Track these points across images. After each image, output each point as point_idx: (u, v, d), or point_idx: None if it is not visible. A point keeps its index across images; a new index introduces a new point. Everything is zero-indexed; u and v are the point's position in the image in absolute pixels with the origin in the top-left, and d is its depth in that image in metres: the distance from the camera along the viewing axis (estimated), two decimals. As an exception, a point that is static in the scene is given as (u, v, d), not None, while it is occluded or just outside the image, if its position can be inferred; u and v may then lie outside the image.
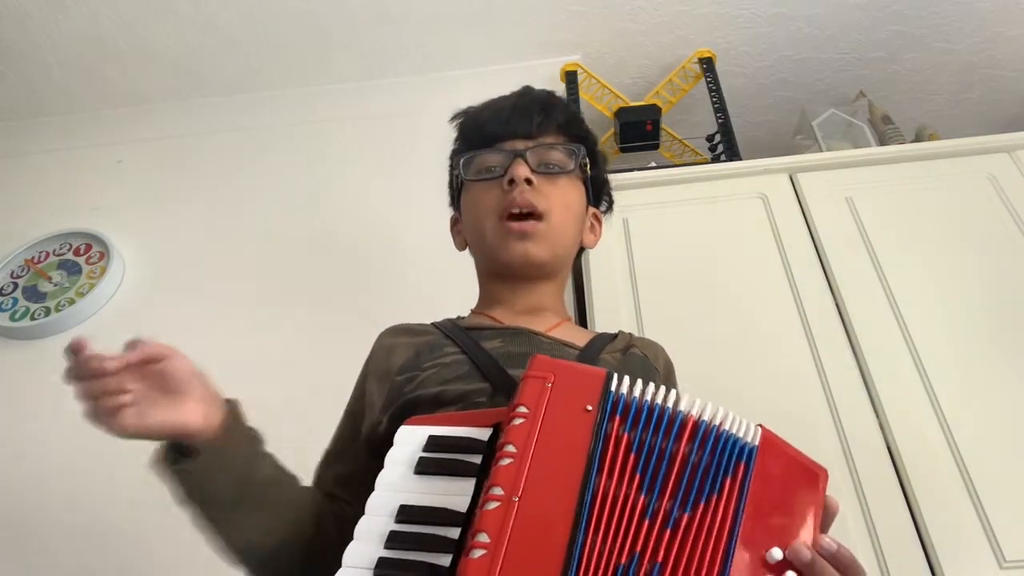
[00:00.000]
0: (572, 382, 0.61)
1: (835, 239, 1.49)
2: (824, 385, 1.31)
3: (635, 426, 0.59)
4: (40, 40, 1.97)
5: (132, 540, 1.45)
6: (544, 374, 0.62)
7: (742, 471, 0.59)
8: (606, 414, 0.59)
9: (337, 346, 1.65)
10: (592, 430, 0.58)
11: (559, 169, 0.90)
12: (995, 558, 1.11)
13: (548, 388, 0.61)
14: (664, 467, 0.58)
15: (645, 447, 0.59)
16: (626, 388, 0.61)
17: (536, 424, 0.59)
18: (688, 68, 2.03)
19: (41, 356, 1.73)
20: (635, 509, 0.56)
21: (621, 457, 0.58)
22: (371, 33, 2.02)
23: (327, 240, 1.84)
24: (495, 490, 0.56)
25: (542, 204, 0.87)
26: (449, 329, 0.89)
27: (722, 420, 0.61)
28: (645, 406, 0.60)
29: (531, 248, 0.87)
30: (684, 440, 0.59)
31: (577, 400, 0.60)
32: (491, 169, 0.90)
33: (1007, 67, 2.18)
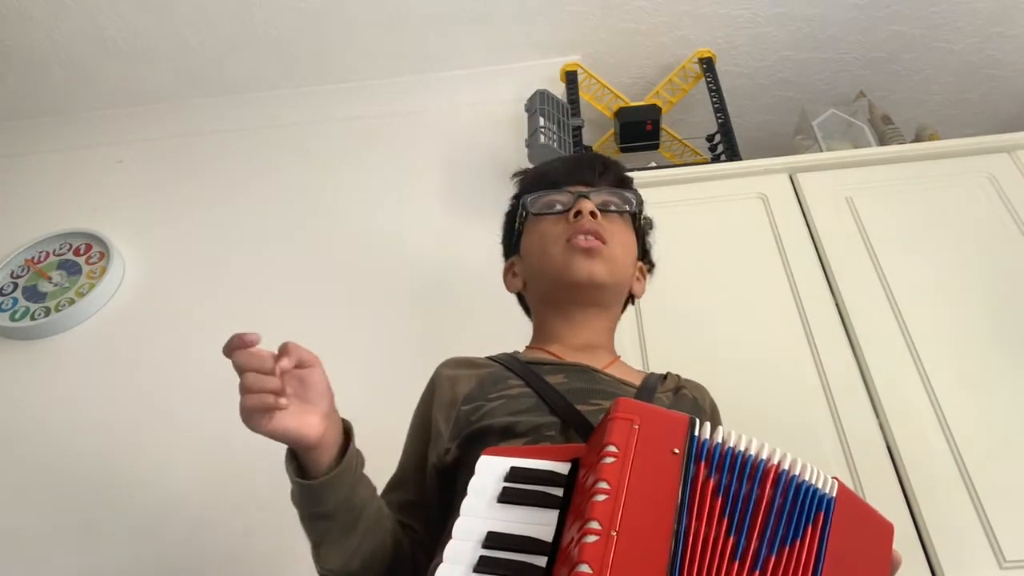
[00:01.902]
0: (658, 426, 0.64)
1: (835, 239, 1.49)
2: (824, 385, 1.31)
3: (719, 470, 0.62)
4: (40, 40, 1.97)
5: (131, 538, 1.45)
6: (631, 416, 0.64)
7: (822, 519, 0.61)
8: (692, 458, 0.62)
9: (336, 346, 1.65)
10: (680, 472, 0.61)
11: (619, 208, 0.98)
12: (995, 558, 1.11)
13: (635, 430, 0.63)
14: (750, 510, 0.61)
15: (731, 491, 0.61)
16: (708, 433, 0.64)
17: (627, 464, 0.61)
18: (688, 68, 2.03)
19: (41, 356, 1.74)
20: (725, 549, 0.59)
21: (709, 500, 0.61)
22: (371, 33, 2.02)
23: (326, 240, 1.84)
24: (592, 524, 0.57)
25: (605, 234, 0.93)
26: (509, 362, 0.92)
27: (801, 469, 0.64)
28: (728, 452, 0.63)
29: (596, 266, 0.92)
30: (767, 486, 0.62)
31: (664, 443, 0.63)
32: (555, 206, 0.97)
33: (1007, 67, 2.18)
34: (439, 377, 0.95)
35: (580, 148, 1.77)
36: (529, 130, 1.74)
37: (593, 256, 0.92)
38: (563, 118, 1.78)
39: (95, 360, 1.71)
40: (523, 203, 1.01)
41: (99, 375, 1.69)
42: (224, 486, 1.48)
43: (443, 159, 1.94)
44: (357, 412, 1.58)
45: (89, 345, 1.74)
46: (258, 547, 1.41)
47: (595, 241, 0.92)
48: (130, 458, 1.56)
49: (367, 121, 2.06)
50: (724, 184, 1.61)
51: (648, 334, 1.41)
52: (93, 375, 1.69)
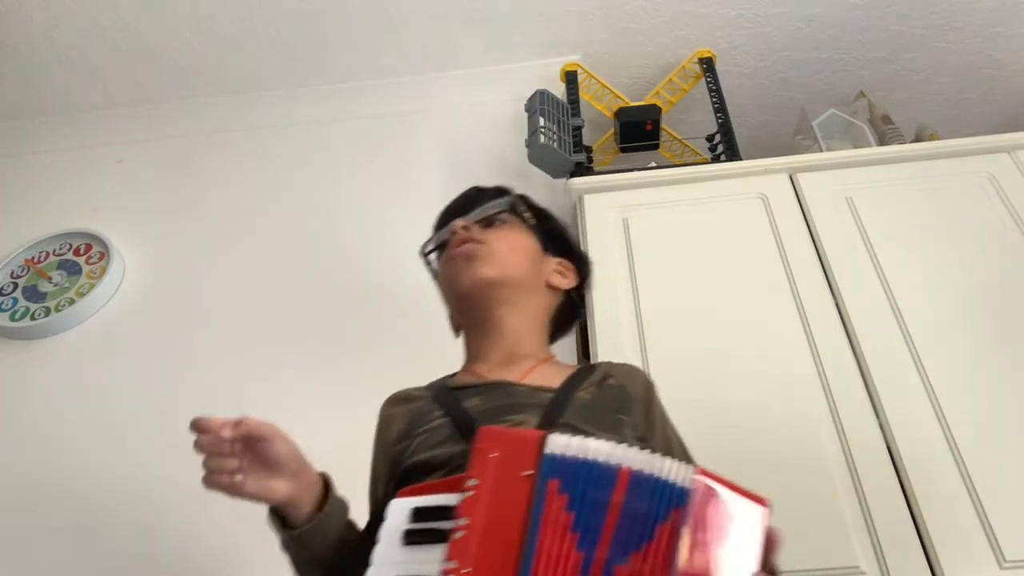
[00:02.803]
0: (513, 450, 0.66)
1: (835, 239, 1.49)
2: (824, 385, 1.31)
3: (571, 484, 0.64)
4: (40, 40, 1.97)
5: (130, 538, 1.45)
6: (488, 445, 0.67)
7: (675, 516, 0.62)
8: (544, 476, 0.64)
9: (336, 346, 1.66)
10: (531, 495, 0.63)
11: (494, 218, 1.02)
12: (995, 558, 1.11)
13: (493, 459, 0.66)
14: (600, 520, 0.62)
15: (582, 502, 0.63)
16: (561, 447, 0.65)
17: (484, 495, 0.64)
18: (688, 68, 2.03)
19: (41, 356, 1.74)
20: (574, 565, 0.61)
21: (559, 516, 0.62)
22: (371, 33, 2.02)
23: (326, 240, 1.84)
24: (450, 564, 0.62)
25: (480, 236, 0.98)
26: (437, 391, 0.95)
27: (658, 468, 0.64)
28: (580, 463, 0.65)
29: (477, 267, 0.95)
30: (618, 491, 0.63)
31: (518, 467, 0.65)
32: (441, 237, 1.05)
33: (1007, 67, 2.18)
34: (380, 419, 0.99)
35: (580, 148, 1.77)
36: (529, 130, 1.74)
37: (471, 259, 0.96)
38: (563, 118, 1.78)
39: (95, 360, 1.71)
40: (422, 255, 1.10)
41: (99, 375, 1.69)
42: (224, 486, 1.48)
43: (443, 159, 1.94)
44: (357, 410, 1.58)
45: (89, 345, 1.74)
46: (257, 547, 1.41)
47: (469, 246, 0.97)
48: (130, 458, 1.56)
49: (367, 121, 2.06)
50: (724, 184, 1.61)
51: (648, 334, 1.41)
52: (93, 375, 1.69)
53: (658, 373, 1.35)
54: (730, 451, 1.26)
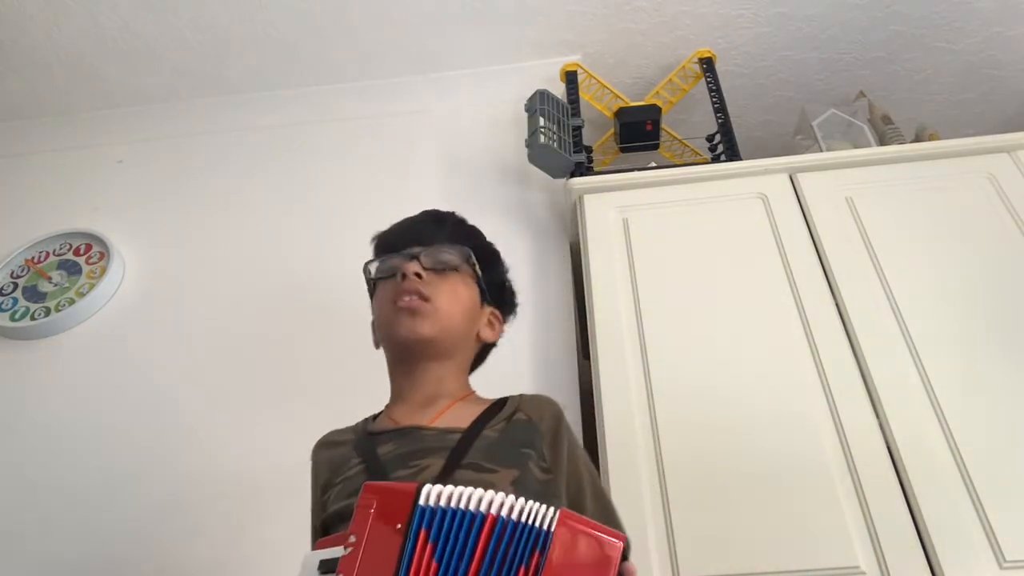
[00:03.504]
0: (389, 503, 0.70)
1: (835, 239, 1.49)
2: (824, 385, 1.31)
3: (439, 533, 0.68)
4: (40, 40, 1.97)
5: (131, 537, 1.45)
6: (369, 501, 0.70)
7: (536, 558, 0.66)
8: (414, 527, 0.68)
9: (336, 346, 1.66)
10: (400, 546, 0.67)
11: (447, 266, 1.03)
12: (995, 558, 1.11)
13: (371, 514, 0.69)
14: (465, 566, 0.66)
15: (447, 550, 0.67)
16: (434, 498, 0.69)
17: (359, 551, 0.68)
18: (688, 68, 2.03)
19: (41, 356, 1.74)
20: None
21: (425, 565, 0.66)
22: (371, 33, 2.02)
23: (326, 239, 1.84)
24: None
25: (428, 291, 0.99)
26: (358, 436, 0.98)
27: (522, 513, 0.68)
28: (449, 512, 0.68)
29: (419, 324, 0.97)
30: (483, 537, 0.67)
31: (392, 520, 0.69)
32: (392, 268, 1.04)
33: (1007, 67, 2.18)
34: (311, 466, 1.01)
35: (580, 148, 1.77)
36: (529, 130, 1.74)
37: (415, 315, 0.97)
38: (563, 118, 1.78)
39: (95, 360, 1.71)
40: (366, 270, 1.09)
41: (99, 375, 1.69)
42: (224, 485, 1.48)
43: (443, 159, 1.94)
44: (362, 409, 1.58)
45: (89, 345, 1.74)
46: (257, 546, 1.41)
47: (416, 301, 0.97)
48: (130, 457, 1.56)
49: (367, 121, 2.06)
50: (724, 184, 1.61)
51: (648, 334, 1.41)
52: (93, 375, 1.69)
53: (658, 373, 1.36)
54: (730, 451, 1.26)
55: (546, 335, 1.59)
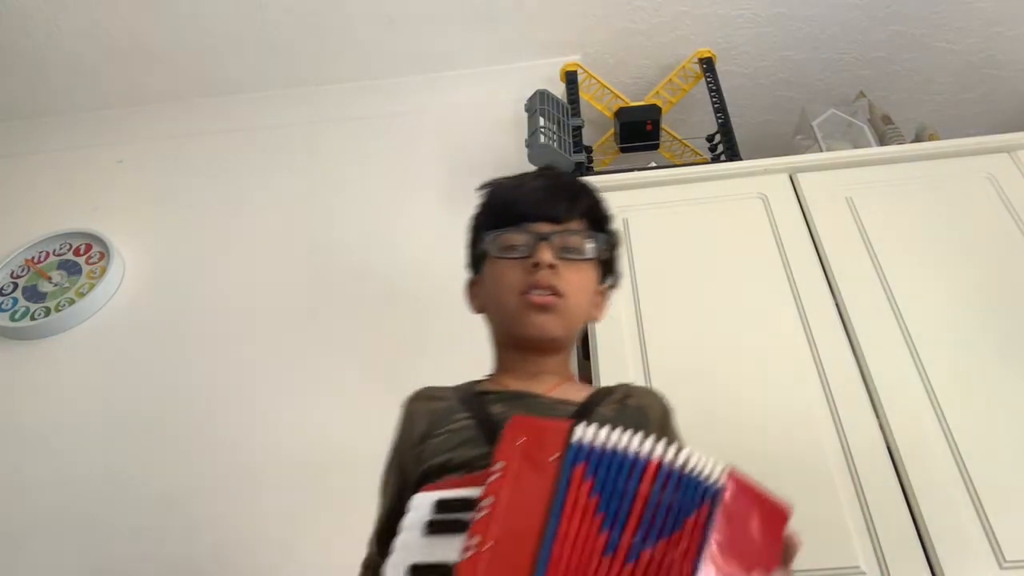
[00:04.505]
0: (540, 436, 0.68)
1: (835, 239, 1.49)
2: (824, 385, 1.31)
3: (597, 470, 0.65)
4: (40, 40, 1.97)
5: (131, 537, 1.45)
6: (517, 432, 0.69)
7: (706, 510, 0.63)
8: (569, 462, 0.66)
9: (336, 346, 1.66)
10: (555, 477, 0.65)
11: (580, 256, 0.95)
12: (995, 558, 1.11)
13: (520, 445, 0.68)
14: (626, 506, 0.63)
15: (607, 489, 0.64)
16: (590, 437, 0.67)
17: (508, 478, 0.66)
18: (688, 68, 2.03)
19: (41, 356, 1.74)
20: (597, 544, 0.62)
21: (583, 500, 0.64)
22: (371, 33, 2.02)
23: (326, 240, 1.84)
24: (472, 539, 0.63)
25: (562, 286, 0.91)
26: (463, 394, 0.94)
27: (688, 464, 0.66)
28: (608, 452, 0.66)
29: (549, 322, 0.91)
30: (646, 482, 0.64)
31: (544, 453, 0.67)
32: (517, 248, 0.94)
33: (1007, 67, 2.18)
34: (404, 415, 0.97)
35: (580, 148, 1.77)
36: (529, 130, 1.74)
37: (548, 311, 0.91)
38: (563, 118, 1.78)
39: (95, 360, 1.71)
40: (483, 239, 1.00)
41: (99, 375, 1.69)
42: (224, 485, 1.48)
43: (443, 159, 1.94)
44: (354, 411, 1.58)
45: (89, 345, 1.74)
46: (257, 546, 1.41)
47: (550, 297, 0.91)
48: (130, 457, 1.56)
49: (367, 121, 2.06)
50: (724, 184, 1.61)
51: (648, 334, 1.41)
52: (93, 375, 1.69)
53: (658, 373, 1.36)
54: (730, 451, 1.26)
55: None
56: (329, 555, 1.37)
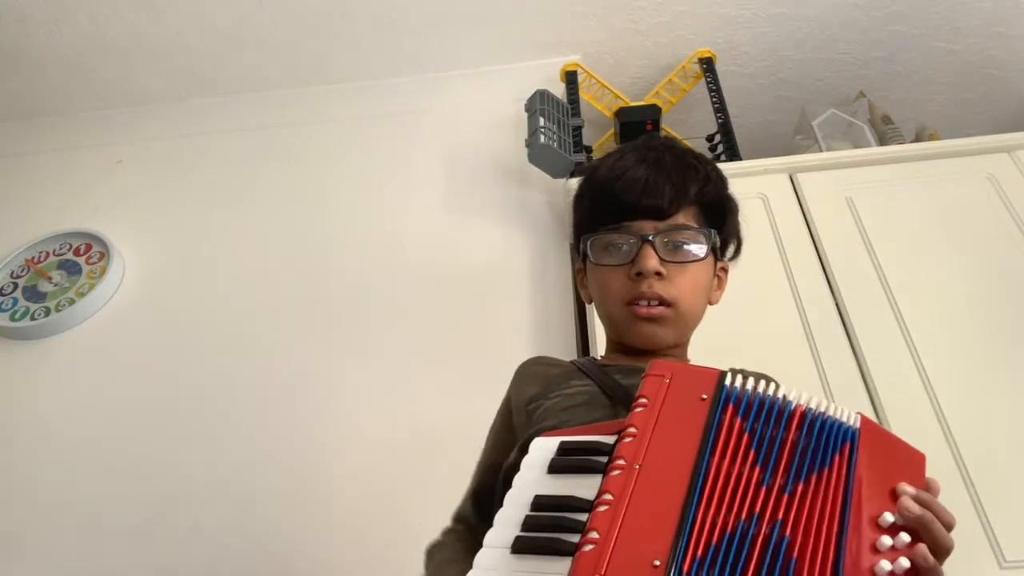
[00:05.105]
0: (688, 378, 0.68)
1: (835, 239, 1.49)
2: (824, 385, 1.31)
3: (747, 415, 0.65)
4: (40, 40, 1.97)
5: (131, 537, 1.45)
6: (662, 372, 0.68)
7: (848, 449, 0.64)
8: (720, 403, 0.65)
9: (335, 346, 1.66)
10: (707, 415, 0.64)
11: (690, 257, 0.87)
12: (995, 558, 1.11)
13: (666, 383, 0.67)
14: (776, 449, 0.63)
15: (757, 432, 0.64)
16: (739, 383, 0.67)
17: (655, 411, 0.65)
18: (688, 68, 2.03)
19: (41, 356, 1.74)
20: (750, 481, 0.61)
21: (735, 440, 0.63)
22: (371, 33, 2.02)
23: (326, 239, 1.84)
24: (618, 461, 0.62)
25: (671, 293, 0.85)
26: (584, 364, 0.90)
27: (829, 410, 0.66)
28: (757, 398, 0.66)
29: (659, 332, 0.86)
30: (793, 427, 0.64)
31: (693, 392, 0.66)
32: (619, 248, 0.86)
33: (1007, 67, 2.18)
34: (516, 377, 0.94)
35: (580, 148, 1.77)
36: (529, 130, 1.74)
37: (657, 322, 0.85)
38: (563, 118, 1.78)
39: (95, 360, 1.71)
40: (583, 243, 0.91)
41: (99, 375, 1.69)
42: (224, 485, 1.48)
43: (443, 159, 1.94)
44: (355, 411, 1.58)
45: (89, 345, 1.74)
46: (257, 545, 1.41)
47: (658, 308, 0.84)
48: (130, 457, 1.56)
49: (367, 121, 2.06)
50: (724, 184, 1.61)
51: (648, 334, 1.40)
52: (93, 375, 1.69)
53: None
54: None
55: (546, 335, 1.59)
56: (329, 555, 1.38)
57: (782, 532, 0.58)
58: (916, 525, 0.62)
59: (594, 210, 0.90)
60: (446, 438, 1.35)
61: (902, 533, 0.61)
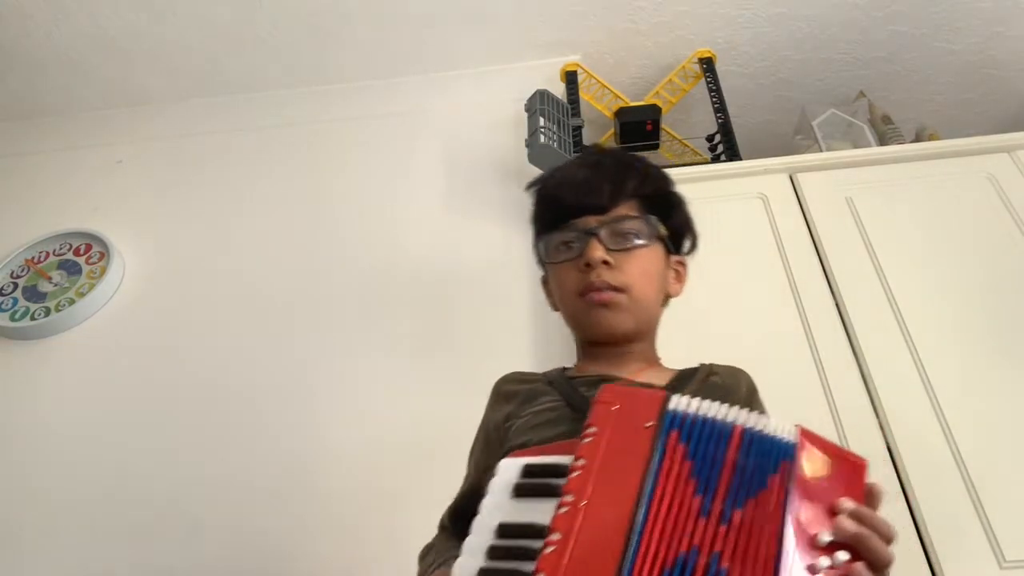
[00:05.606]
0: (635, 404, 0.70)
1: (835, 239, 1.49)
2: (824, 385, 1.31)
3: (690, 437, 0.67)
4: (40, 40, 1.97)
5: (131, 538, 1.45)
6: (610, 399, 0.70)
7: (785, 467, 0.66)
8: (664, 428, 0.67)
9: (335, 346, 1.66)
10: (652, 442, 0.67)
11: (635, 244, 0.91)
12: (995, 558, 1.11)
13: (614, 411, 0.69)
14: (717, 474, 0.65)
15: (700, 454, 0.66)
16: (683, 406, 0.69)
17: (602, 441, 0.67)
18: (688, 68, 2.03)
19: (41, 356, 1.74)
20: (691, 511, 0.63)
21: (677, 468, 0.65)
22: (371, 33, 2.02)
23: (326, 240, 1.84)
24: (567, 497, 0.64)
25: (620, 279, 0.89)
26: (552, 377, 0.93)
27: (768, 428, 0.69)
28: (699, 420, 0.68)
29: (614, 318, 0.89)
30: (732, 447, 0.67)
31: (639, 419, 0.68)
32: (568, 246, 0.92)
33: (1007, 67, 2.18)
34: (493, 395, 0.97)
35: (580, 148, 1.77)
36: (529, 130, 1.74)
37: (611, 308, 0.89)
38: (563, 118, 1.78)
39: (95, 360, 1.71)
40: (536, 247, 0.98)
41: (99, 375, 1.69)
42: (224, 485, 1.48)
43: (443, 159, 1.94)
44: (354, 411, 1.58)
45: (89, 345, 1.74)
46: (257, 545, 1.41)
47: (609, 294, 0.88)
48: (129, 458, 1.56)
49: (367, 121, 2.06)
50: (724, 184, 1.61)
51: (648, 334, 1.41)
52: (93, 375, 1.69)
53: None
54: (730, 451, 1.26)
55: (546, 335, 1.59)
56: (329, 555, 1.38)
57: (720, 563, 0.60)
58: (853, 542, 0.63)
59: (544, 216, 0.97)
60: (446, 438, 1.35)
61: (839, 552, 0.62)
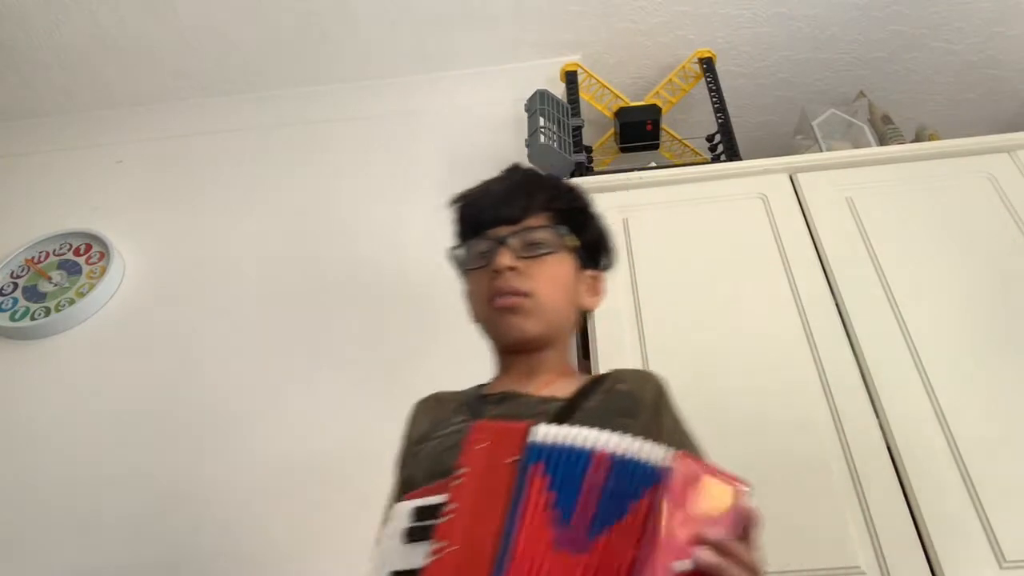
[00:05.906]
0: (501, 440, 0.71)
1: (835, 239, 1.49)
2: (824, 385, 1.31)
3: (552, 468, 0.68)
4: (40, 40, 1.97)
5: (131, 537, 1.45)
6: (479, 437, 0.72)
7: (650, 494, 0.65)
8: (525, 463, 0.69)
9: (335, 345, 1.66)
10: (515, 480, 0.68)
11: (544, 251, 0.94)
12: (995, 558, 1.11)
13: (483, 449, 0.71)
14: (578, 498, 0.67)
15: (561, 484, 0.67)
16: (543, 436, 0.70)
17: (471, 482, 0.69)
18: (688, 68, 2.03)
19: (41, 356, 1.74)
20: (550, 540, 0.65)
21: (541, 497, 0.67)
22: (371, 33, 2.02)
23: (326, 240, 1.84)
24: (438, 544, 0.67)
25: (527, 285, 0.92)
26: (467, 398, 0.95)
27: (634, 452, 0.68)
28: (562, 449, 0.69)
29: (521, 323, 0.92)
30: (595, 472, 0.67)
31: (504, 455, 0.70)
32: (481, 255, 0.95)
33: (1007, 67, 2.18)
34: (409, 417, 0.99)
35: (580, 148, 1.77)
36: (529, 130, 1.74)
37: (517, 313, 0.91)
38: (563, 118, 1.78)
39: (95, 360, 1.71)
40: (451, 257, 1.01)
41: (99, 375, 1.69)
42: (223, 485, 1.48)
43: (443, 159, 1.94)
44: (353, 411, 1.58)
45: (89, 345, 1.74)
46: (257, 545, 1.41)
47: (513, 299, 0.91)
48: (130, 457, 1.56)
49: (367, 121, 2.06)
50: (724, 184, 1.61)
51: (648, 334, 1.41)
52: (93, 375, 1.69)
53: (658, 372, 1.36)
54: (730, 450, 1.26)
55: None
56: (329, 554, 1.38)
57: None
58: (713, 573, 0.63)
59: (461, 229, 1.01)
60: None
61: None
